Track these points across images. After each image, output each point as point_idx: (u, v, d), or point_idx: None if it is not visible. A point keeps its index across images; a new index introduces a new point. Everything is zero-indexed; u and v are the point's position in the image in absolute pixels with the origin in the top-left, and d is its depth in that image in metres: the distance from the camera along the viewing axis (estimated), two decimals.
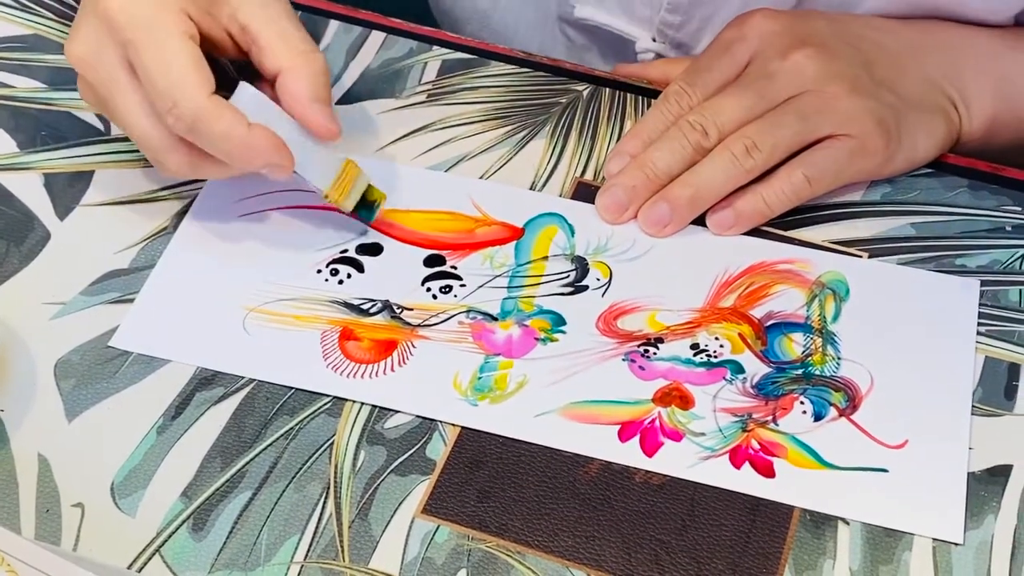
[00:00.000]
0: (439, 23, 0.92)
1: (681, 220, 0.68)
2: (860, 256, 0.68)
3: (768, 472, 0.59)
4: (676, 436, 0.61)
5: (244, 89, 0.63)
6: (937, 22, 0.73)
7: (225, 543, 0.57)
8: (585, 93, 0.75)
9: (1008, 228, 0.69)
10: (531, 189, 0.71)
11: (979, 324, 0.65)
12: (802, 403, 0.62)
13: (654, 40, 0.81)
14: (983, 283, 0.66)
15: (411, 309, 0.65)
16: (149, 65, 0.61)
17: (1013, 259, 0.67)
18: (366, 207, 0.67)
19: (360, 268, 0.67)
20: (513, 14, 0.78)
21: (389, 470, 0.60)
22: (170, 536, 0.57)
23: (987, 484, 0.59)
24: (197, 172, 0.65)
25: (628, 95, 0.75)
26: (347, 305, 0.65)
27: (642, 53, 0.81)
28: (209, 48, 0.64)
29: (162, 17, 0.62)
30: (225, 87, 0.63)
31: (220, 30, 0.64)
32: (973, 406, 0.62)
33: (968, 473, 0.59)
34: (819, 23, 0.72)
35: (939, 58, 0.72)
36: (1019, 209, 0.70)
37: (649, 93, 0.74)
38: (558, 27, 0.85)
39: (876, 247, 0.68)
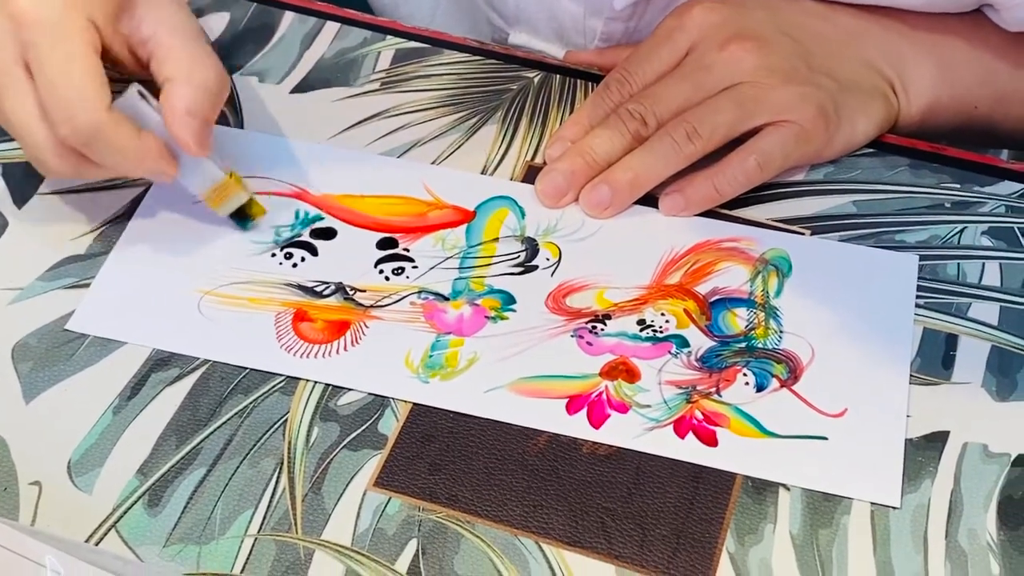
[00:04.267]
0: None
1: (621, 203, 0.69)
2: (803, 233, 0.69)
3: (711, 441, 0.61)
4: (622, 408, 0.62)
5: (132, 91, 0.63)
6: (877, 8, 0.74)
7: (180, 518, 0.58)
8: (536, 80, 0.76)
9: (947, 205, 0.70)
10: (483, 173, 0.72)
11: (918, 297, 0.66)
12: (745, 375, 0.63)
13: None
14: (922, 258, 0.68)
15: (364, 291, 0.66)
16: (50, 72, 0.61)
17: (951, 234, 0.69)
18: (242, 218, 0.68)
19: (314, 251, 0.68)
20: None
21: (342, 445, 0.61)
22: (126, 512, 0.58)
23: (924, 450, 0.61)
24: (77, 174, 0.64)
25: (578, 81, 0.76)
26: (301, 287, 0.67)
27: None
28: (109, 61, 0.64)
29: (69, 24, 0.61)
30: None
31: (122, 43, 0.64)
32: (911, 375, 0.63)
33: (906, 439, 0.61)
34: (758, 14, 0.73)
35: (878, 42, 0.74)
36: (958, 186, 0.71)
37: (599, 79, 0.76)
38: None
39: (818, 224, 0.69)
